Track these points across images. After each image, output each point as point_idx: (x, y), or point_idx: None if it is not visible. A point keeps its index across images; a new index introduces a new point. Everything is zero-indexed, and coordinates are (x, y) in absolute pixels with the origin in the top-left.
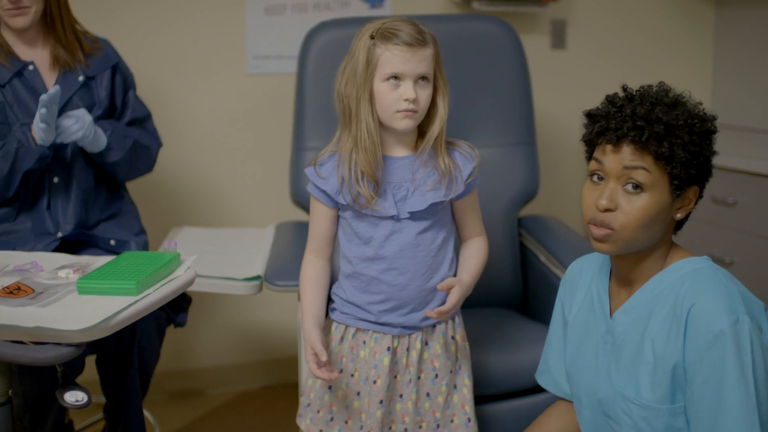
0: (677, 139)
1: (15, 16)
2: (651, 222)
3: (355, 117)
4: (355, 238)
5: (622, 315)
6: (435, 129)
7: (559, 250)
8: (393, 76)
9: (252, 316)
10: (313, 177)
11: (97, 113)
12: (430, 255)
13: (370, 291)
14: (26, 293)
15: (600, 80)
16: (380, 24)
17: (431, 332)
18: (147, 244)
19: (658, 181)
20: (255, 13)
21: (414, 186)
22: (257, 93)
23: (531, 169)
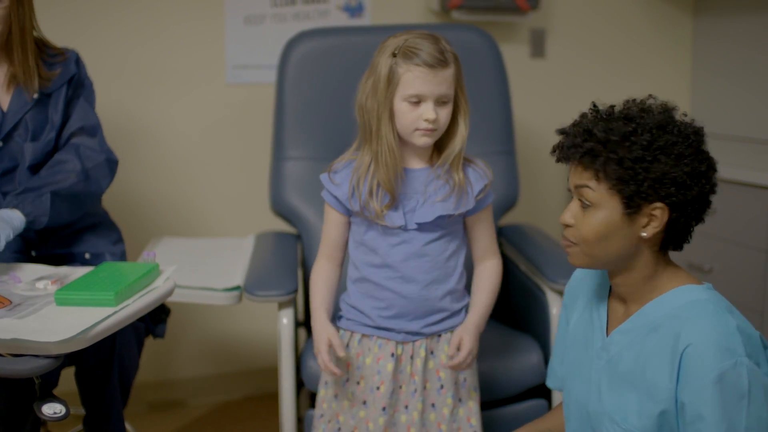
0: (612, 154)
1: None
2: (604, 238)
3: (376, 133)
4: (363, 246)
5: (619, 335)
6: (456, 146)
7: (539, 259)
8: (414, 96)
9: (232, 327)
10: (327, 183)
11: (50, 135)
12: (437, 266)
13: (375, 297)
14: (3, 305)
15: (579, 89)
16: (403, 40)
17: (436, 341)
18: (125, 253)
19: (605, 199)
20: (234, 23)
21: (424, 198)
22: (236, 103)
23: (510, 177)
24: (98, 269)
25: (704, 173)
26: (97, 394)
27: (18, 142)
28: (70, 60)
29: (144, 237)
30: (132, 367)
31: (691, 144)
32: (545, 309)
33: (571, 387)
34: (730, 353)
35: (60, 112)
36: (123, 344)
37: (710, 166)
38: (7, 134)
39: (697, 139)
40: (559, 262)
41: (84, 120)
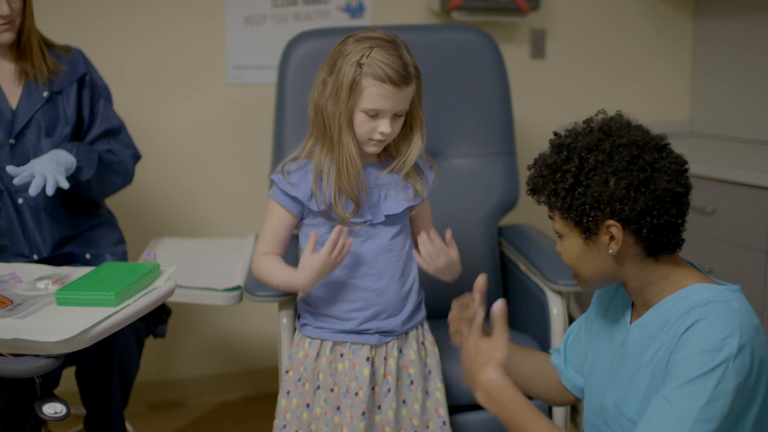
0: (547, 187)
1: (3, 31)
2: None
3: (337, 141)
4: None
5: (636, 328)
6: (412, 158)
7: (538, 259)
8: (373, 111)
9: (232, 327)
10: (282, 183)
11: (66, 130)
12: (401, 259)
13: (348, 299)
14: (4, 305)
15: (580, 90)
16: (368, 49)
17: (405, 339)
18: (126, 254)
19: (566, 228)
20: (235, 24)
21: (385, 192)
22: (237, 103)
23: (511, 178)
24: (99, 269)
25: (646, 180)
26: (97, 393)
27: (30, 140)
28: (77, 58)
29: (144, 237)
30: (132, 367)
31: (624, 157)
32: (545, 309)
33: (591, 381)
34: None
35: (73, 107)
36: (123, 344)
37: (656, 169)
38: (20, 132)
39: (631, 150)
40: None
41: (109, 122)
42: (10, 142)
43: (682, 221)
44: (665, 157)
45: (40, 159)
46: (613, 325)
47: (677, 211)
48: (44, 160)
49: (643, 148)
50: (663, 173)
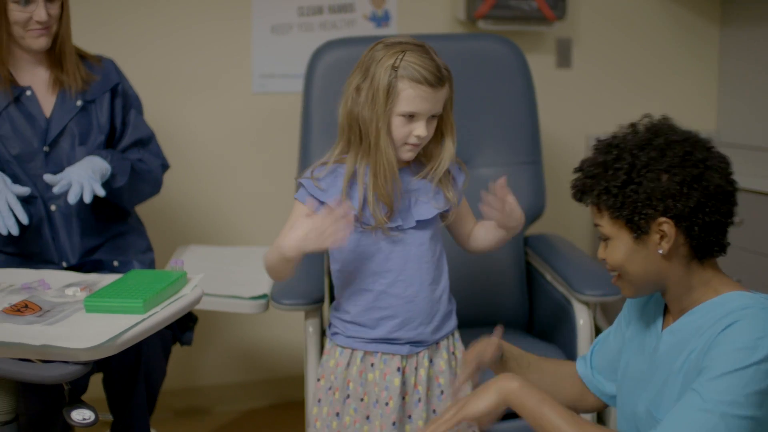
0: (599, 185)
1: (40, 36)
2: (628, 263)
3: (374, 147)
4: (356, 254)
5: (669, 334)
6: (444, 164)
7: (565, 269)
8: (409, 113)
9: (258, 335)
10: (311, 188)
11: (99, 138)
12: (432, 265)
13: (378, 307)
14: (33, 311)
15: (606, 99)
16: (401, 53)
17: (436, 349)
18: (153, 261)
19: (614, 230)
20: (261, 32)
21: (416, 197)
22: (263, 111)
23: (537, 188)
24: (127, 276)
25: (699, 177)
26: (124, 400)
27: (64, 148)
28: (109, 68)
29: (170, 245)
30: (159, 375)
31: (677, 153)
32: (572, 319)
33: (623, 388)
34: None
35: (106, 116)
36: (150, 351)
37: (708, 167)
38: (54, 140)
39: (684, 146)
40: (586, 272)
41: (140, 132)
42: (44, 149)
43: (731, 221)
44: (714, 156)
45: (76, 167)
46: (645, 332)
47: (726, 210)
48: (80, 167)
49: (695, 146)
50: (714, 171)
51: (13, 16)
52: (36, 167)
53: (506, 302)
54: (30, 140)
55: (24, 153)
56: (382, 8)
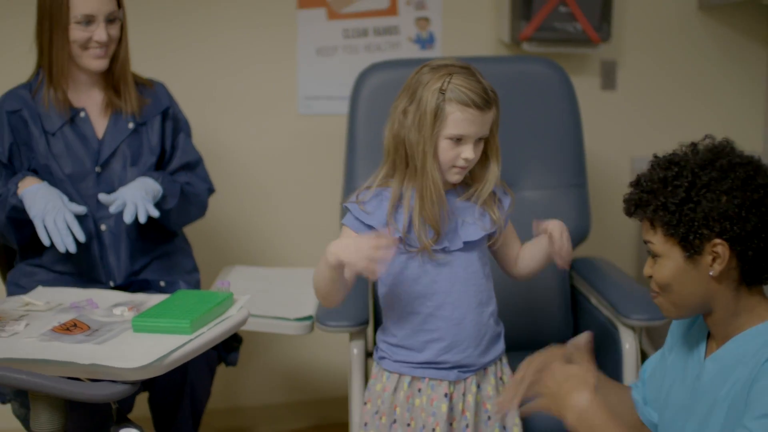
0: (657, 201)
1: (99, 57)
2: (676, 284)
3: (421, 170)
4: (403, 277)
5: (712, 362)
6: (489, 187)
7: (610, 293)
8: (457, 136)
9: (302, 355)
10: (357, 212)
11: (150, 160)
12: (480, 288)
13: (425, 329)
14: (82, 330)
15: (651, 120)
16: (448, 76)
17: (483, 375)
18: (199, 282)
19: (666, 247)
20: (306, 54)
21: (462, 219)
22: (308, 133)
23: (582, 210)
24: (174, 297)
25: (759, 202)
26: (169, 419)
27: (116, 169)
28: (161, 92)
29: (215, 265)
30: (203, 395)
31: (739, 176)
32: (617, 344)
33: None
34: None
35: (157, 138)
36: (195, 371)
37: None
38: (106, 161)
39: (747, 169)
40: (632, 296)
41: (188, 156)
42: (96, 170)
43: None
44: None
45: (130, 187)
46: (686, 359)
47: None
48: (134, 188)
49: (757, 170)
50: None
51: (73, 35)
52: (88, 187)
53: (551, 326)
54: (83, 160)
55: (76, 172)
56: (427, 30)
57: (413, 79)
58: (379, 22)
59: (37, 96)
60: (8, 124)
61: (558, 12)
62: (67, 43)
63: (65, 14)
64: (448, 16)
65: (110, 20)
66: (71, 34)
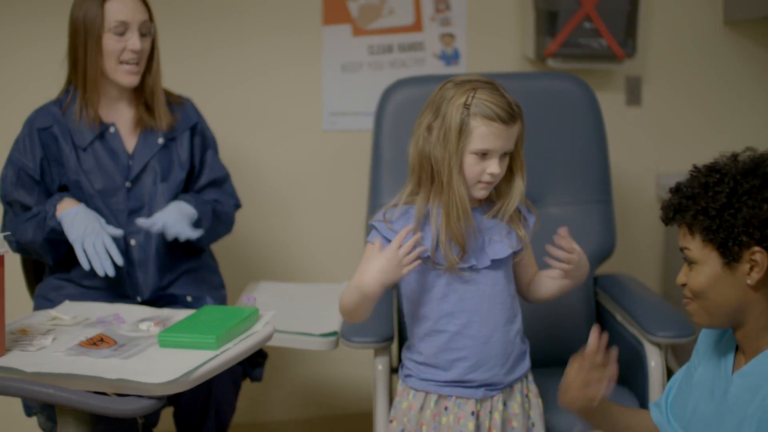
0: (697, 206)
1: (132, 73)
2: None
3: (447, 185)
4: (430, 294)
5: (740, 377)
6: (514, 202)
7: (636, 310)
8: (483, 150)
9: (326, 371)
10: (384, 230)
11: (180, 175)
12: (507, 305)
13: (452, 348)
14: (109, 345)
15: (676, 136)
16: (472, 91)
17: (510, 392)
18: (225, 297)
19: (704, 254)
20: (331, 70)
21: (489, 237)
22: (333, 149)
23: (607, 227)
24: (200, 312)
25: None
26: None
27: (146, 184)
28: (189, 107)
29: (241, 281)
30: (228, 410)
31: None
32: (643, 361)
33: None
34: None
35: (186, 153)
36: (220, 386)
37: None
38: (136, 177)
39: None
40: (658, 313)
41: (216, 172)
42: (126, 185)
43: None
44: None
45: (167, 212)
46: (714, 375)
47: None
48: (171, 213)
49: None
50: None
51: (108, 45)
52: (118, 202)
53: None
54: (113, 176)
55: (107, 188)
56: (452, 47)
57: (437, 95)
58: (404, 38)
59: (68, 111)
60: (39, 140)
61: (583, 28)
62: (101, 56)
63: (100, 23)
64: (473, 33)
65: (143, 33)
66: (105, 45)
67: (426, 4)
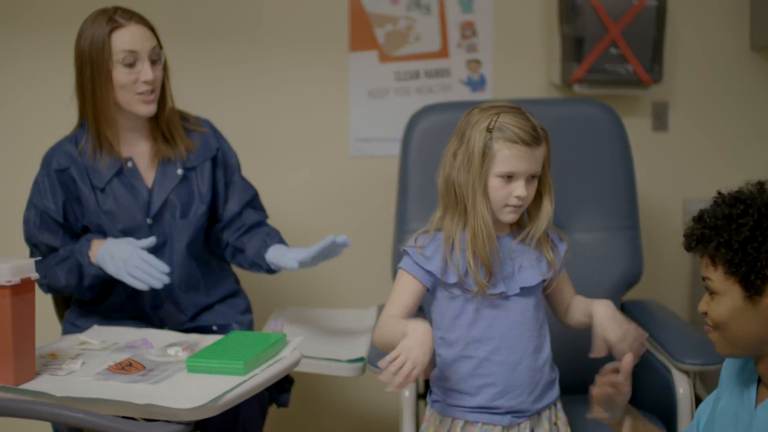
0: (720, 237)
1: (149, 102)
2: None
3: (471, 209)
4: (460, 321)
5: (763, 410)
6: (542, 224)
7: (664, 337)
8: (507, 173)
9: (353, 397)
10: (416, 256)
11: (201, 209)
12: (535, 333)
13: (480, 374)
14: (138, 370)
15: (703, 162)
16: (495, 115)
17: (537, 419)
18: (252, 323)
19: (726, 286)
20: (358, 96)
21: (519, 263)
22: (360, 174)
23: (634, 253)
24: (227, 338)
25: None
26: None
27: (167, 219)
28: (209, 134)
29: (267, 306)
30: None
31: None
32: (671, 389)
33: None
34: None
35: (207, 185)
36: (247, 412)
37: None
38: (157, 213)
39: None
40: (686, 340)
41: (248, 193)
42: (147, 222)
43: None
44: None
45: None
46: (737, 406)
47: None
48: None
49: None
50: None
51: (119, 79)
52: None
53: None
54: (134, 214)
55: (129, 227)
56: (478, 73)
57: (463, 122)
58: (430, 64)
59: (83, 150)
60: (59, 182)
61: (609, 54)
62: (112, 90)
63: (107, 56)
64: (499, 59)
65: (153, 60)
66: (116, 78)
67: (452, 30)
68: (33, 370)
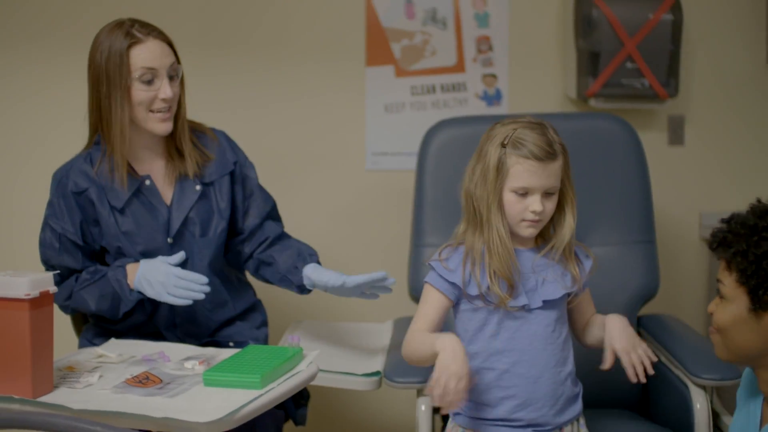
0: (740, 246)
1: (165, 120)
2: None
3: (486, 222)
4: (483, 333)
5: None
6: (565, 237)
7: (680, 352)
8: (521, 188)
9: (369, 411)
10: (441, 270)
11: (220, 226)
12: (558, 347)
13: (501, 386)
14: (155, 383)
15: (720, 176)
16: (512, 130)
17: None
18: (268, 336)
19: (735, 293)
20: (375, 110)
21: (543, 277)
22: (376, 188)
23: (650, 267)
24: (244, 351)
25: None
26: None
27: (188, 238)
28: (224, 146)
29: (284, 320)
30: None
31: None
32: (687, 403)
33: None
34: None
35: (226, 200)
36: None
37: None
38: (177, 232)
39: None
40: (703, 355)
41: (268, 204)
42: (168, 241)
43: None
44: None
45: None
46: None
47: None
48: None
49: None
50: None
51: (138, 96)
52: None
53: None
54: (154, 234)
55: (149, 249)
56: (494, 87)
57: (485, 136)
58: (446, 78)
59: (99, 170)
60: (76, 204)
61: (625, 68)
62: (128, 107)
63: (126, 73)
64: (515, 73)
65: (171, 77)
66: (134, 96)
67: (468, 44)
68: (51, 383)
